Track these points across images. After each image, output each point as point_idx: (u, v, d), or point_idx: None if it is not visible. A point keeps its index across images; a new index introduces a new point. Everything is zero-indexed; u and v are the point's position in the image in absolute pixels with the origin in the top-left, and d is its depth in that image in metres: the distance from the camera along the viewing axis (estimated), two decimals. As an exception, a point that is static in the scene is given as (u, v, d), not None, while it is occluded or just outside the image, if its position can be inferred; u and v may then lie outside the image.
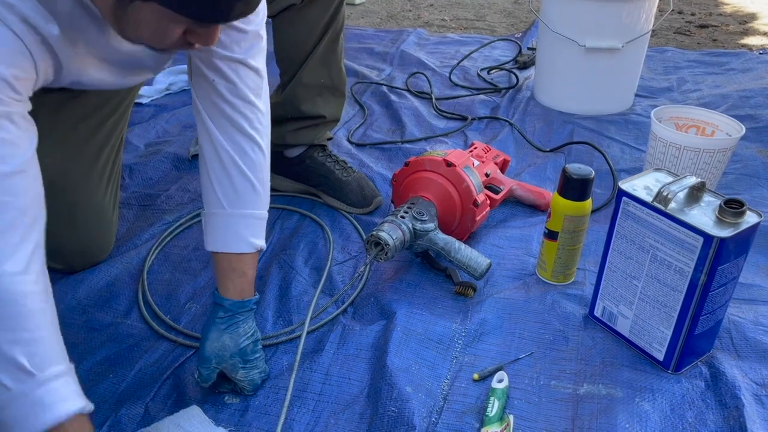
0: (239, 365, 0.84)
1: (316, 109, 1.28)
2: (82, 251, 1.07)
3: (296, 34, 1.11)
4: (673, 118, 1.36)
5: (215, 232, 0.87)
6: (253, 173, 0.87)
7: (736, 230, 0.78)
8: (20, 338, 0.62)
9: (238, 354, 0.83)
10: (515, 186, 1.28)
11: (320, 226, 1.23)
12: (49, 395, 0.62)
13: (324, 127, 1.32)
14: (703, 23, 2.68)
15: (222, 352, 0.83)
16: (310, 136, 1.30)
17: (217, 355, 0.83)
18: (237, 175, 0.86)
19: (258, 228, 0.89)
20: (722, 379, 0.86)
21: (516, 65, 2.10)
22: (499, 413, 0.81)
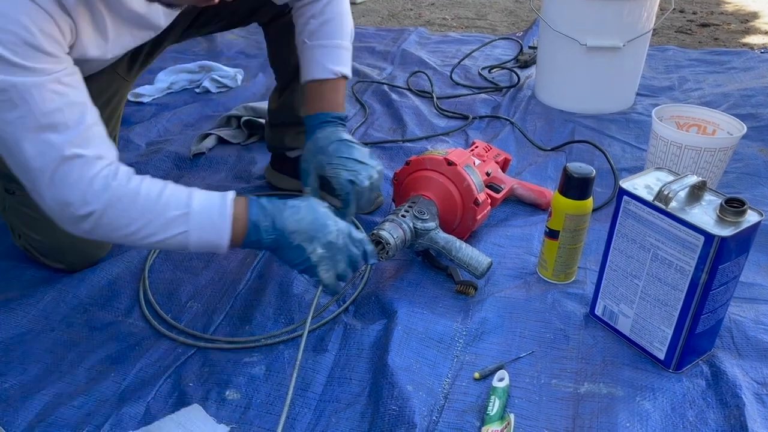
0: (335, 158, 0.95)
1: None
2: (78, 250, 1.07)
3: (289, 40, 1.12)
4: (674, 117, 1.36)
5: (302, 66, 1.01)
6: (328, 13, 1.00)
7: (737, 229, 0.78)
8: (164, 203, 0.79)
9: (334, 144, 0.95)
10: (516, 185, 1.28)
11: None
12: (207, 207, 0.80)
13: None
14: (705, 22, 2.68)
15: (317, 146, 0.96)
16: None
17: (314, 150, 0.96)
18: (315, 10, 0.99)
19: (336, 55, 1.00)
20: (723, 378, 0.86)
21: (517, 64, 2.10)
22: (499, 412, 0.81)
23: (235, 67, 2.01)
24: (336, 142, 0.98)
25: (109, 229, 0.79)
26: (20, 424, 0.81)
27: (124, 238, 0.80)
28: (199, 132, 1.59)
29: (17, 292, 1.04)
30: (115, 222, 0.78)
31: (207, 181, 1.39)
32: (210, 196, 0.82)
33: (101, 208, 0.77)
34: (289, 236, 0.83)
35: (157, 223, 0.79)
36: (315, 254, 0.84)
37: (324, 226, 0.84)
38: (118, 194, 0.77)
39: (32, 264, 1.11)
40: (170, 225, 0.79)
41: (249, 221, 0.82)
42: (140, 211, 0.78)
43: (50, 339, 0.96)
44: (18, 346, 0.94)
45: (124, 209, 0.78)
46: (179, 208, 0.79)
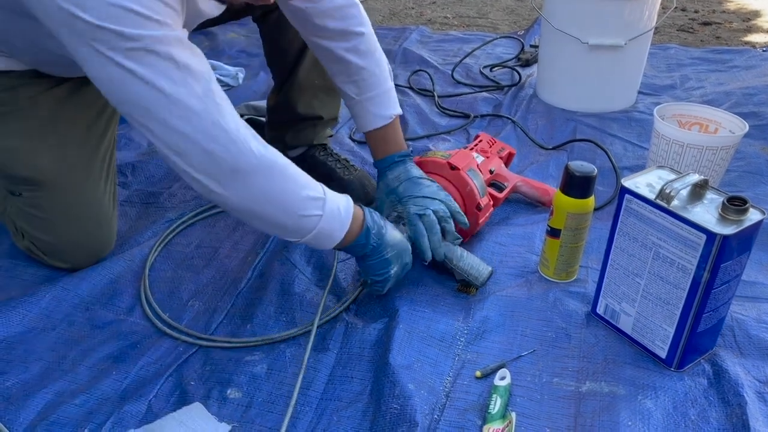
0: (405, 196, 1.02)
1: (313, 110, 1.28)
2: (84, 249, 1.08)
3: (283, 37, 1.12)
4: (676, 115, 1.36)
5: (355, 116, 1.09)
6: (365, 60, 1.04)
7: (739, 228, 0.77)
8: (303, 182, 0.82)
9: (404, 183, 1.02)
10: (519, 182, 1.28)
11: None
12: (336, 198, 0.85)
13: (323, 126, 1.32)
14: (707, 20, 2.68)
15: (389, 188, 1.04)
16: (309, 137, 1.30)
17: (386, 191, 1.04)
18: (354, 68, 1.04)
19: (385, 101, 1.06)
20: (725, 377, 0.86)
21: (518, 63, 2.10)
22: (501, 410, 0.81)
23: (236, 65, 2.01)
24: (405, 182, 1.05)
25: (255, 190, 0.79)
26: (22, 422, 0.82)
27: (268, 209, 0.81)
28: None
29: (19, 291, 1.04)
30: (263, 185, 0.79)
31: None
32: (334, 192, 0.86)
33: (256, 165, 0.78)
34: (386, 248, 0.90)
35: (303, 196, 0.81)
36: (394, 271, 0.93)
37: (407, 249, 0.95)
38: (271, 158, 0.79)
39: (33, 263, 1.11)
40: (307, 204, 0.81)
41: (365, 224, 0.88)
42: (291, 181, 0.81)
43: (52, 337, 0.96)
44: (19, 344, 0.94)
45: (277, 175, 0.80)
46: (317, 192, 0.83)
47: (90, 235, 1.08)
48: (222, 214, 1.27)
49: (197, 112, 0.74)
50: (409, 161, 1.09)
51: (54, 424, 0.81)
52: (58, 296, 1.02)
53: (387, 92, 1.08)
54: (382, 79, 1.08)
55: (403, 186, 1.04)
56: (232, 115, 0.77)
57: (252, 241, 1.19)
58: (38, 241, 1.07)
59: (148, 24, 0.68)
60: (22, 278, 1.08)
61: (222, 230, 1.22)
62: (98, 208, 1.08)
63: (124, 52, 0.68)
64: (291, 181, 0.81)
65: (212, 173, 0.78)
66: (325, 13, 1.00)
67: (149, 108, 0.72)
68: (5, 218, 1.12)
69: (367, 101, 1.07)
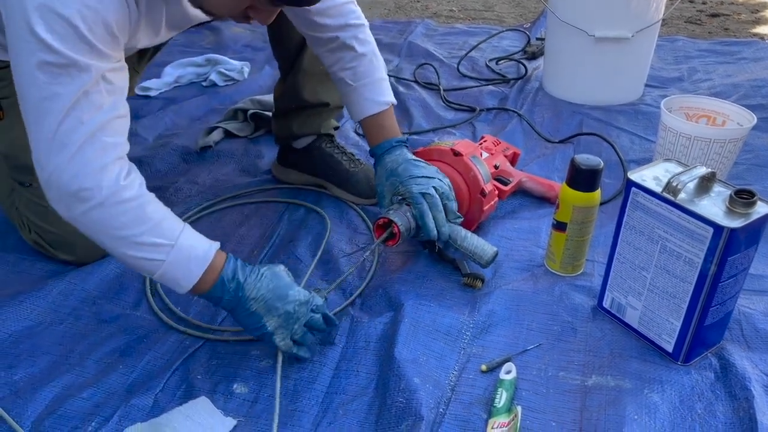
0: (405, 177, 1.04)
1: (319, 97, 1.28)
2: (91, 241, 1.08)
3: (287, 25, 1.12)
4: (684, 108, 1.35)
5: (351, 104, 1.11)
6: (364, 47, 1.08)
7: (747, 221, 0.77)
8: (158, 227, 0.80)
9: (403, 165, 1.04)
10: (525, 178, 1.27)
11: (323, 217, 1.23)
12: (191, 249, 0.81)
13: (329, 114, 1.33)
14: (715, 12, 2.65)
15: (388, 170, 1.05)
16: (316, 125, 1.30)
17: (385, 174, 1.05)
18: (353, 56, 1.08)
19: (380, 88, 1.10)
20: (732, 371, 0.85)
21: (524, 56, 2.09)
22: (507, 404, 0.81)
23: (241, 60, 2.01)
24: (404, 163, 1.05)
25: (97, 222, 0.79)
26: (30, 415, 0.82)
27: (104, 239, 0.80)
28: (206, 125, 1.59)
29: (26, 285, 1.04)
30: (107, 220, 0.78)
31: (214, 175, 1.39)
32: (199, 240, 0.84)
33: (102, 200, 0.77)
34: (247, 302, 0.84)
35: (143, 240, 0.79)
36: (271, 323, 0.85)
37: (284, 296, 0.85)
38: (125, 195, 0.78)
39: (41, 257, 1.11)
40: (152, 249, 0.80)
41: (220, 276, 0.83)
42: (137, 222, 0.79)
43: (59, 331, 0.96)
44: (27, 338, 0.95)
45: (123, 212, 0.78)
46: (164, 239, 0.80)
47: None
48: (228, 208, 1.27)
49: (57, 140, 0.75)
50: (406, 148, 1.10)
51: (62, 418, 0.82)
52: (65, 291, 1.03)
53: (382, 80, 1.11)
54: (379, 67, 1.11)
55: (403, 167, 1.05)
56: (104, 150, 0.77)
57: (258, 235, 1.19)
58: (45, 234, 1.07)
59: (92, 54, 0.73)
60: (29, 273, 1.09)
61: (228, 224, 1.23)
62: None
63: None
64: (136, 223, 0.79)
65: (62, 195, 0.78)
66: (324, 12, 1.03)
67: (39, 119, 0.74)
68: (12, 212, 1.12)
69: (362, 87, 1.09)
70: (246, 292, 0.83)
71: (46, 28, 0.69)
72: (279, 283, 0.85)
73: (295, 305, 0.85)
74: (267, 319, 0.84)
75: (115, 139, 0.78)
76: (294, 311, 0.85)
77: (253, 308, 0.84)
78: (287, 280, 0.87)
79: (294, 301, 0.85)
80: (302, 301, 0.86)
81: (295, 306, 0.85)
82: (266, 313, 0.84)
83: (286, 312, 0.85)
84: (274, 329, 0.85)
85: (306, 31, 1.08)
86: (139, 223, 0.79)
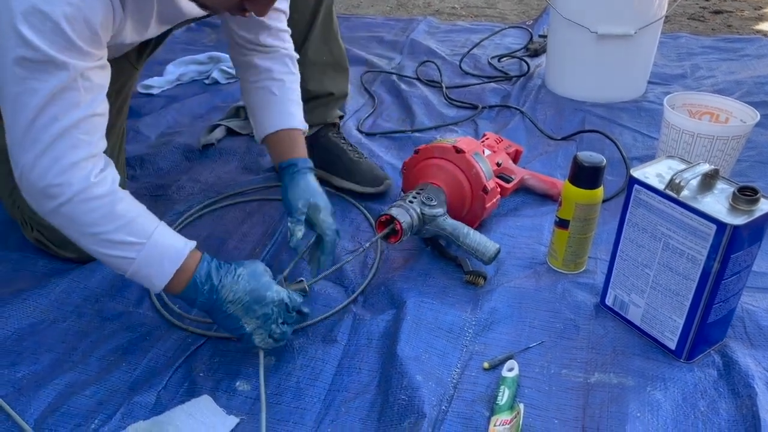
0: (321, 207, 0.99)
1: (324, 87, 1.28)
2: None
3: (290, 17, 1.12)
4: (687, 105, 1.35)
5: (272, 114, 1.06)
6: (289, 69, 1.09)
7: (750, 218, 0.77)
8: (129, 225, 0.80)
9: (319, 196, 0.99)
10: (527, 176, 1.27)
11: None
12: (164, 248, 0.81)
13: (334, 103, 1.33)
14: (718, 9, 2.65)
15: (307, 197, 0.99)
16: (322, 115, 1.31)
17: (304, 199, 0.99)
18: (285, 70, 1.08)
19: (300, 112, 1.09)
20: (735, 368, 0.85)
21: (527, 53, 2.08)
22: (509, 402, 0.81)
23: (243, 57, 2.01)
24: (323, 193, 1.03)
25: (66, 219, 0.79)
26: (33, 413, 0.82)
27: (75, 236, 0.80)
28: (208, 123, 1.59)
29: (29, 283, 1.04)
30: (77, 216, 0.78)
31: (216, 173, 1.39)
32: (173, 239, 0.83)
33: (71, 196, 0.76)
34: (224, 305, 0.83)
35: (113, 238, 0.79)
36: (249, 325, 0.84)
37: (262, 299, 0.84)
38: (96, 192, 0.77)
39: (44, 255, 1.11)
40: (123, 246, 0.79)
41: (193, 278, 0.82)
42: (107, 219, 0.79)
43: (62, 329, 0.96)
44: (30, 336, 0.95)
45: (93, 209, 0.78)
46: (136, 237, 0.79)
47: None
48: (230, 206, 1.28)
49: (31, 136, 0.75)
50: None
51: (65, 415, 0.82)
52: (68, 288, 1.03)
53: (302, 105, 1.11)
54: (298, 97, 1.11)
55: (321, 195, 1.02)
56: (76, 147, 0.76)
57: (260, 233, 1.19)
58: (47, 232, 1.07)
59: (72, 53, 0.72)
60: (32, 270, 1.09)
61: (230, 222, 1.23)
62: None
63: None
64: (107, 221, 0.78)
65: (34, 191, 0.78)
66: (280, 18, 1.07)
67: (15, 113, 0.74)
68: (14, 211, 1.12)
69: (290, 102, 1.08)
70: (222, 295, 0.82)
71: (27, 24, 0.69)
72: (256, 285, 0.84)
73: (273, 306, 0.85)
74: (245, 321, 0.84)
75: (90, 137, 0.78)
76: (272, 312, 0.85)
77: (230, 311, 0.83)
78: (265, 279, 0.86)
79: (272, 302, 0.85)
80: (280, 301, 0.86)
81: (273, 307, 0.85)
82: (244, 315, 0.84)
83: (264, 314, 0.84)
84: (253, 330, 0.85)
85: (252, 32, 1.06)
86: (109, 220, 0.78)
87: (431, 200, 1.06)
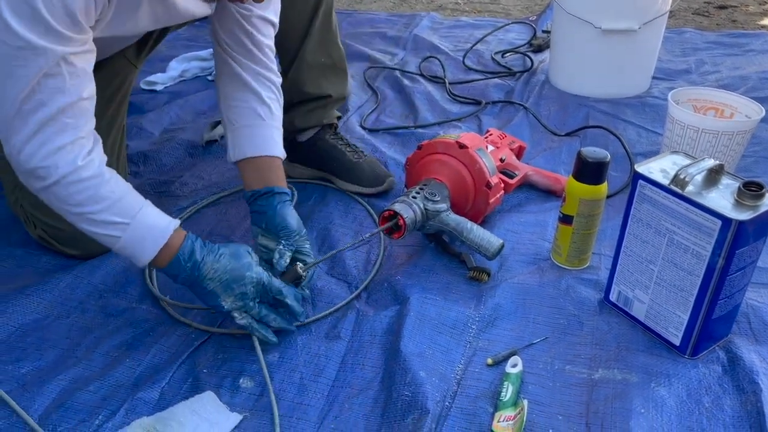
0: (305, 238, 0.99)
1: (321, 90, 1.28)
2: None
3: (287, 18, 1.11)
4: (691, 100, 1.34)
5: (255, 139, 1.03)
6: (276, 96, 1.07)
7: (755, 213, 0.76)
8: (115, 205, 0.82)
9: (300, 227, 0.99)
10: (531, 171, 1.27)
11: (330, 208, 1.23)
12: (149, 227, 0.84)
13: (332, 106, 1.33)
14: (722, 4, 2.63)
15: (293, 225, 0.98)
16: (319, 117, 1.30)
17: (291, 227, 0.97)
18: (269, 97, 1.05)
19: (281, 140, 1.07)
20: (740, 364, 0.85)
21: (531, 48, 2.08)
22: (513, 398, 0.81)
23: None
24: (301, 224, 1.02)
25: (55, 199, 0.82)
26: (37, 408, 0.82)
27: (64, 214, 0.83)
28: (211, 119, 1.59)
29: (33, 279, 1.05)
30: (64, 197, 0.81)
31: (219, 169, 1.39)
32: (158, 219, 0.86)
33: (58, 179, 0.79)
34: (204, 281, 0.86)
35: (98, 218, 0.82)
36: (227, 302, 0.87)
37: (240, 278, 0.87)
38: (83, 175, 0.80)
39: (47, 251, 1.11)
40: (108, 226, 0.83)
41: (176, 255, 0.85)
42: (93, 200, 0.81)
43: (66, 325, 0.96)
44: (34, 332, 0.95)
45: (79, 191, 0.80)
46: (121, 218, 0.83)
47: None
48: (234, 202, 1.27)
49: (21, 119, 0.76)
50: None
51: (69, 411, 0.82)
52: (72, 284, 1.03)
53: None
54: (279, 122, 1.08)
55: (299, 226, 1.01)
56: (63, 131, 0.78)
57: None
58: (50, 229, 1.07)
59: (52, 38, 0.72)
60: (35, 267, 1.09)
61: (233, 217, 1.23)
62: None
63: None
64: (93, 202, 0.81)
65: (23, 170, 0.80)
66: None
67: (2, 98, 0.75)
68: (17, 208, 1.13)
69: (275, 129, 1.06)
70: (203, 272, 0.86)
71: (9, 9, 0.70)
72: (237, 264, 0.87)
73: (252, 286, 0.87)
74: (223, 299, 0.87)
75: (77, 121, 0.79)
76: (249, 292, 0.87)
77: (210, 287, 0.86)
78: (246, 260, 0.88)
79: (250, 282, 0.87)
80: (259, 281, 0.88)
81: (252, 287, 0.87)
82: (222, 293, 0.86)
83: (242, 293, 0.87)
84: (231, 308, 0.87)
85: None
86: (95, 201, 0.81)
87: (434, 195, 1.05)
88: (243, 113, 1.04)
